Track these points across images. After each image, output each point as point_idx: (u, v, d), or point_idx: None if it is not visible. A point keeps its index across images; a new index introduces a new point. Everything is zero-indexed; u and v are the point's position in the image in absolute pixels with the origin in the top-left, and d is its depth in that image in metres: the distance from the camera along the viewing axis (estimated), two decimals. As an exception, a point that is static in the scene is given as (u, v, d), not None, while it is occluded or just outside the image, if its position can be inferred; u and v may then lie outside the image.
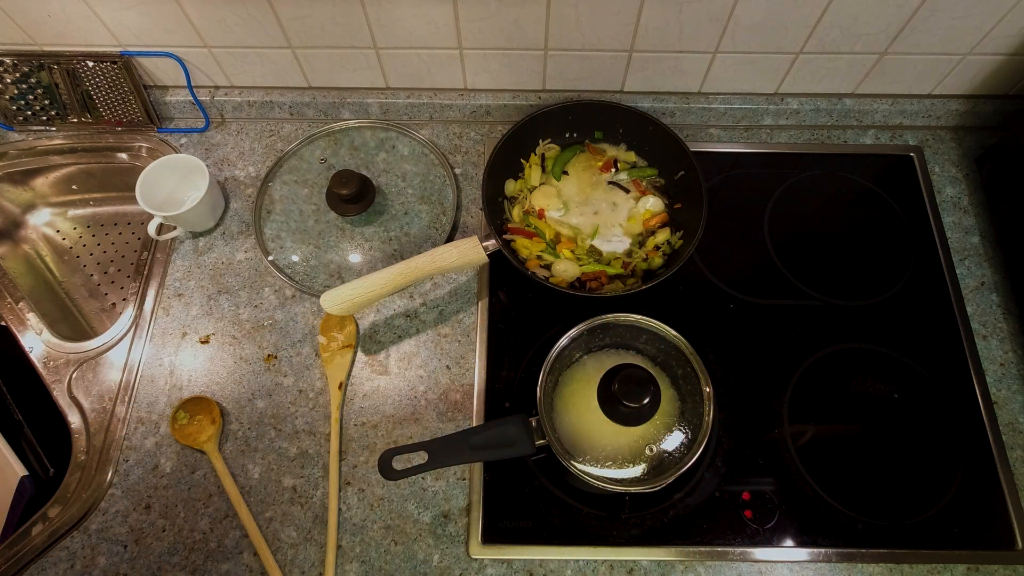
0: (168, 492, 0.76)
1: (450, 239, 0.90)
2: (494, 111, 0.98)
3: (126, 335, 0.84)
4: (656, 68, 0.91)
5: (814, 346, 0.83)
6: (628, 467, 0.67)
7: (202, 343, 0.84)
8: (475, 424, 0.79)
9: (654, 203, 0.88)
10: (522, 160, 0.92)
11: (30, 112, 0.95)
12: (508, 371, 0.82)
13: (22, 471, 0.80)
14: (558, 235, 0.86)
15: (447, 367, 0.82)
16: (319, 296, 0.78)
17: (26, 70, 0.90)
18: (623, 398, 0.62)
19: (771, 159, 0.97)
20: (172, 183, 0.89)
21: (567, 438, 0.68)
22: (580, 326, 0.71)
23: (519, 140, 0.90)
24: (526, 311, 0.86)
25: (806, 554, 0.72)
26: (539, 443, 0.67)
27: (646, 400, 0.62)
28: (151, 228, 0.88)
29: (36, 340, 0.85)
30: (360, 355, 0.83)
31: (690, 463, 0.65)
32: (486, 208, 0.83)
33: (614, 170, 0.91)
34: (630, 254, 0.86)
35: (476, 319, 0.85)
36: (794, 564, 0.72)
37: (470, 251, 0.78)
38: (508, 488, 0.75)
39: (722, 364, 0.81)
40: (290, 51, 0.89)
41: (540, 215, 0.87)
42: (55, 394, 0.81)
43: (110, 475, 0.77)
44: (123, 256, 1.03)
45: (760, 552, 0.72)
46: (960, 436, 0.78)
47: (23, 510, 0.79)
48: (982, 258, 0.89)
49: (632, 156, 0.93)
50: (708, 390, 0.68)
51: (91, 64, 0.90)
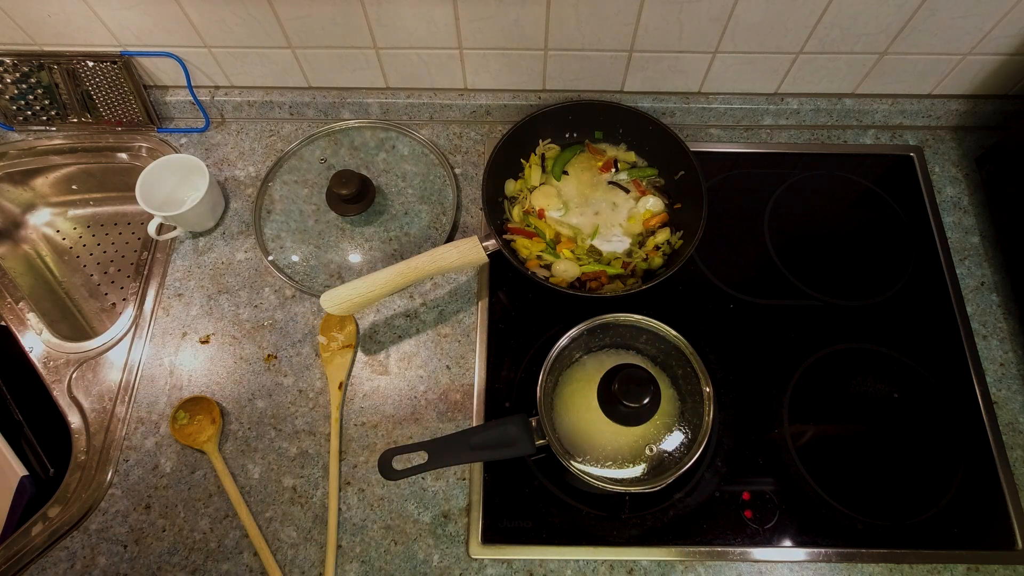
0: (168, 492, 0.76)
1: (450, 239, 0.90)
2: (494, 111, 0.98)
3: (126, 335, 0.85)
4: (656, 68, 0.91)
5: (814, 346, 0.83)
6: (628, 467, 0.67)
7: (202, 343, 0.84)
8: (475, 424, 0.79)
9: (654, 203, 0.88)
10: (522, 160, 0.92)
11: (30, 112, 0.95)
12: (508, 371, 0.82)
13: (22, 471, 0.80)
14: (558, 235, 0.87)
15: (447, 367, 0.82)
16: (319, 296, 0.78)
17: (26, 70, 0.90)
18: (623, 398, 0.62)
19: (771, 159, 0.97)
20: (172, 183, 0.89)
21: (567, 438, 0.68)
22: (580, 326, 0.71)
23: (519, 140, 0.90)
24: (526, 311, 0.86)
25: (806, 554, 0.72)
26: (539, 443, 0.67)
27: (646, 400, 0.62)
28: (151, 228, 0.88)
29: (36, 340, 0.85)
30: (360, 355, 0.83)
31: (690, 463, 0.65)
32: (486, 208, 0.83)
33: (614, 170, 0.91)
34: (630, 254, 0.86)
35: (476, 319, 0.85)
36: (794, 564, 0.72)
37: (470, 251, 0.78)
38: (508, 488, 0.75)
39: (722, 364, 0.81)
40: (290, 51, 0.89)
41: (540, 215, 0.87)
42: (55, 394, 0.81)
43: (110, 475, 0.77)
44: (123, 256, 1.03)
45: (760, 552, 0.72)
46: (960, 436, 0.78)
47: (23, 510, 0.78)
48: (982, 258, 0.89)
49: (632, 156, 0.93)
50: (708, 390, 0.68)
51: (91, 64, 0.90)
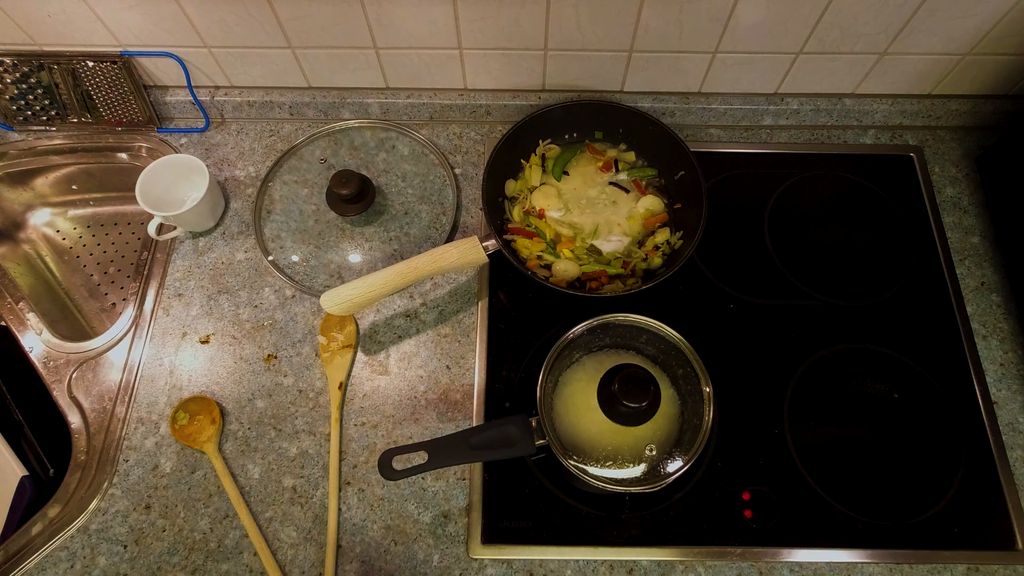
0: (168, 492, 0.76)
1: (450, 239, 0.90)
2: (494, 111, 0.98)
3: (126, 335, 0.85)
4: (656, 68, 0.91)
5: (814, 346, 0.83)
6: (628, 467, 0.67)
7: (202, 343, 0.84)
8: (475, 424, 0.79)
9: (654, 203, 0.88)
10: (522, 160, 0.92)
11: (30, 112, 0.95)
12: (508, 371, 0.82)
13: (22, 471, 0.80)
14: (558, 235, 0.86)
15: (447, 367, 0.82)
16: (319, 296, 0.78)
17: (26, 70, 0.90)
18: (623, 398, 0.62)
19: (771, 159, 0.97)
20: (172, 183, 0.89)
21: (567, 438, 0.68)
22: (580, 326, 0.71)
23: (519, 140, 0.90)
24: (526, 311, 0.86)
25: (806, 554, 0.72)
26: (539, 443, 0.67)
27: (646, 400, 0.62)
28: (151, 228, 0.88)
29: (36, 340, 0.85)
30: (360, 355, 0.83)
31: (690, 463, 0.65)
32: (486, 208, 0.83)
33: (614, 170, 0.91)
34: (630, 254, 0.86)
35: (476, 319, 0.85)
36: (794, 564, 0.72)
37: (470, 251, 0.78)
38: (508, 488, 0.75)
39: (722, 364, 0.81)
40: (290, 51, 0.89)
41: (540, 215, 0.87)
42: (55, 394, 0.81)
43: (110, 475, 0.77)
44: (123, 256, 1.03)
45: (760, 552, 0.72)
46: (960, 436, 0.78)
47: (23, 510, 0.79)
48: (982, 258, 0.89)
49: (632, 156, 0.93)
50: (708, 390, 0.68)
51: (91, 64, 0.90)
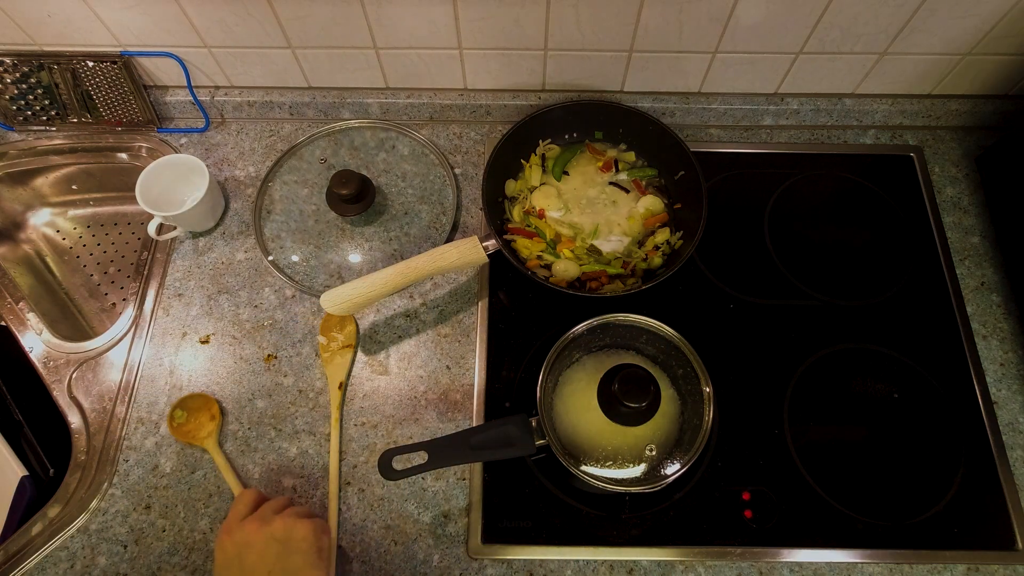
0: (168, 492, 0.76)
1: (450, 239, 0.90)
2: (494, 111, 0.98)
3: (126, 335, 0.84)
4: (656, 68, 0.91)
5: (814, 346, 0.83)
6: (628, 467, 0.67)
7: (202, 343, 0.84)
8: (475, 424, 0.79)
9: (654, 203, 0.88)
10: (522, 160, 0.92)
11: (30, 112, 0.95)
12: (508, 371, 0.82)
13: (22, 471, 0.80)
14: (558, 235, 0.86)
15: (447, 367, 0.82)
16: (319, 296, 0.78)
17: (26, 70, 0.90)
18: (623, 398, 0.62)
19: (771, 159, 0.97)
20: (172, 183, 0.89)
21: (567, 438, 0.68)
22: (580, 326, 0.71)
23: (519, 140, 0.90)
24: (526, 311, 0.86)
25: (806, 554, 0.72)
26: (539, 443, 0.67)
27: (646, 400, 0.62)
28: (151, 228, 0.88)
29: (36, 340, 0.85)
30: (360, 355, 0.83)
31: (690, 463, 0.65)
32: (486, 208, 0.83)
33: (614, 170, 0.91)
34: (630, 254, 0.86)
35: (476, 319, 0.85)
36: (794, 564, 0.72)
37: (470, 251, 0.78)
38: (508, 488, 0.75)
39: (722, 364, 0.81)
40: (290, 51, 0.89)
41: (540, 215, 0.87)
42: (55, 394, 0.81)
43: (110, 475, 0.77)
44: (123, 256, 1.03)
45: (760, 552, 0.72)
46: (960, 436, 0.78)
47: (23, 510, 0.78)
48: (982, 258, 0.89)
49: (632, 156, 0.93)
50: (708, 390, 0.68)
51: (91, 64, 0.90)
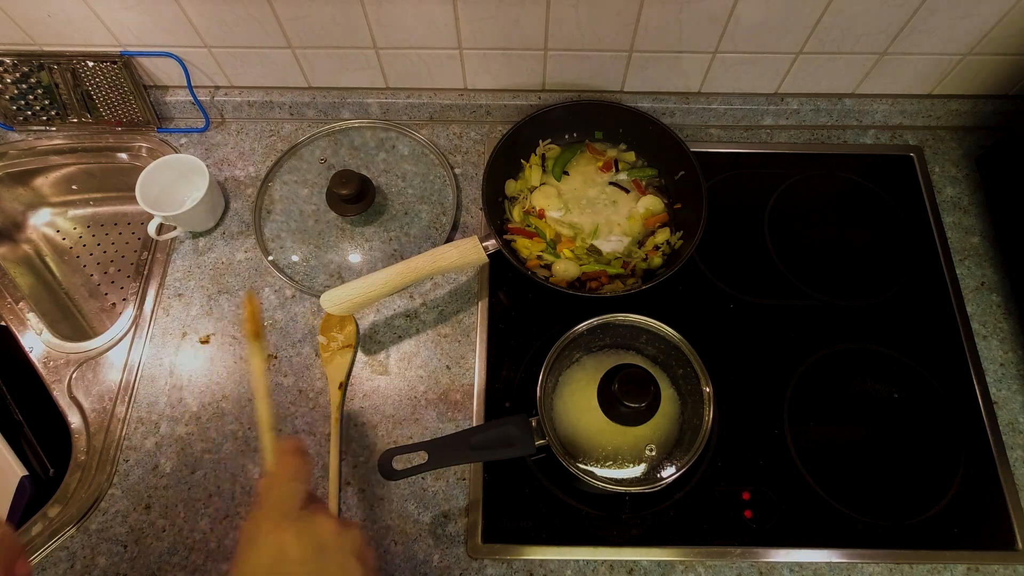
0: (168, 492, 0.76)
1: (450, 239, 0.90)
2: (494, 111, 0.98)
3: (126, 335, 0.84)
4: (656, 68, 0.91)
5: (814, 346, 0.83)
6: (628, 467, 0.67)
7: (202, 343, 0.84)
8: (475, 424, 0.79)
9: (654, 203, 0.88)
10: (522, 160, 0.92)
11: (30, 112, 0.95)
12: (508, 371, 0.81)
13: (22, 471, 0.80)
14: (558, 235, 0.86)
15: (447, 367, 0.82)
16: (319, 296, 0.78)
17: (26, 70, 0.90)
18: (623, 398, 0.62)
19: (771, 159, 0.97)
20: (172, 183, 0.89)
21: (567, 438, 0.68)
22: (580, 326, 0.71)
23: (519, 140, 0.90)
24: (526, 311, 0.86)
25: (806, 554, 0.72)
26: (539, 443, 0.67)
27: (646, 400, 0.62)
28: (151, 228, 0.88)
29: (36, 340, 0.85)
30: (360, 355, 0.83)
31: (690, 463, 0.65)
32: (486, 208, 0.83)
33: (614, 170, 0.91)
34: (630, 254, 0.86)
35: (476, 319, 0.85)
36: (794, 564, 0.72)
37: (470, 251, 0.78)
38: (508, 488, 0.75)
39: (722, 364, 0.81)
40: (290, 51, 0.89)
41: (540, 215, 0.87)
42: (55, 394, 0.81)
43: (110, 475, 0.77)
44: (123, 256, 1.03)
45: (760, 552, 0.72)
46: (960, 436, 0.78)
47: (23, 510, 0.78)
48: (982, 258, 0.89)
49: (632, 156, 0.93)
50: (708, 390, 0.68)
51: (91, 64, 0.90)
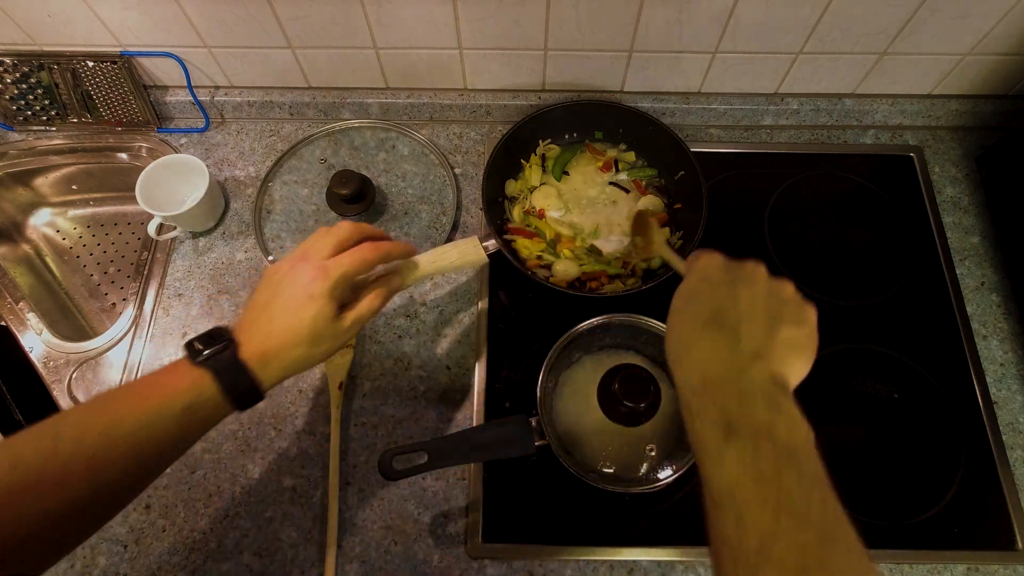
0: (168, 492, 0.76)
1: (450, 239, 0.90)
2: (494, 111, 0.98)
3: (126, 335, 0.84)
4: (656, 68, 0.91)
5: (814, 346, 0.83)
6: (628, 467, 0.67)
7: (202, 343, 0.84)
8: (475, 424, 0.79)
9: (654, 203, 0.88)
10: (522, 160, 0.92)
11: (30, 112, 0.95)
12: (508, 371, 0.81)
13: (22, 471, 0.80)
14: (558, 235, 0.86)
15: (447, 367, 0.82)
16: (319, 296, 0.78)
17: (26, 70, 0.90)
18: (623, 398, 0.62)
19: (771, 159, 0.97)
20: (172, 183, 0.89)
21: (567, 438, 0.68)
22: (580, 326, 0.71)
23: (519, 140, 0.89)
24: (526, 311, 0.86)
25: (806, 554, 0.72)
26: (539, 443, 0.67)
27: (646, 400, 0.62)
28: (151, 228, 0.88)
29: (36, 340, 0.85)
30: (360, 355, 0.83)
31: (690, 463, 0.65)
32: (486, 208, 0.83)
33: (614, 170, 0.91)
34: (630, 254, 0.86)
35: (476, 319, 0.85)
36: (794, 564, 0.72)
37: (470, 251, 0.77)
38: (508, 488, 0.75)
39: (722, 364, 0.81)
40: (290, 51, 0.89)
41: (540, 215, 0.87)
42: (55, 394, 0.81)
43: (110, 475, 0.77)
44: (123, 256, 1.03)
45: (760, 552, 0.72)
46: (960, 436, 0.78)
47: (23, 510, 0.78)
48: (982, 258, 0.89)
49: (632, 156, 0.93)
50: (708, 390, 0.68)
51: (91, 64, 0.90)
